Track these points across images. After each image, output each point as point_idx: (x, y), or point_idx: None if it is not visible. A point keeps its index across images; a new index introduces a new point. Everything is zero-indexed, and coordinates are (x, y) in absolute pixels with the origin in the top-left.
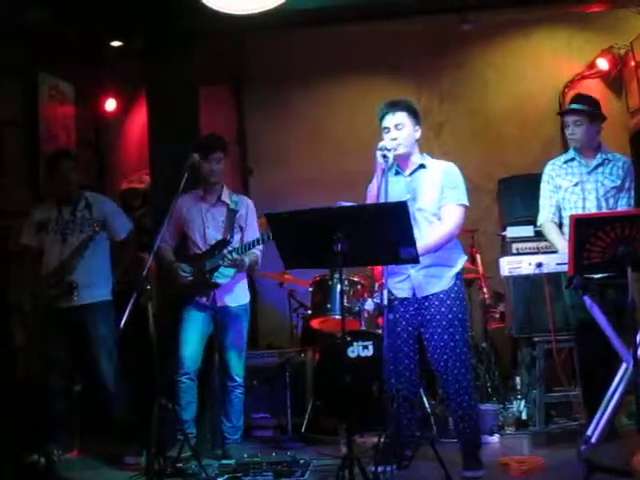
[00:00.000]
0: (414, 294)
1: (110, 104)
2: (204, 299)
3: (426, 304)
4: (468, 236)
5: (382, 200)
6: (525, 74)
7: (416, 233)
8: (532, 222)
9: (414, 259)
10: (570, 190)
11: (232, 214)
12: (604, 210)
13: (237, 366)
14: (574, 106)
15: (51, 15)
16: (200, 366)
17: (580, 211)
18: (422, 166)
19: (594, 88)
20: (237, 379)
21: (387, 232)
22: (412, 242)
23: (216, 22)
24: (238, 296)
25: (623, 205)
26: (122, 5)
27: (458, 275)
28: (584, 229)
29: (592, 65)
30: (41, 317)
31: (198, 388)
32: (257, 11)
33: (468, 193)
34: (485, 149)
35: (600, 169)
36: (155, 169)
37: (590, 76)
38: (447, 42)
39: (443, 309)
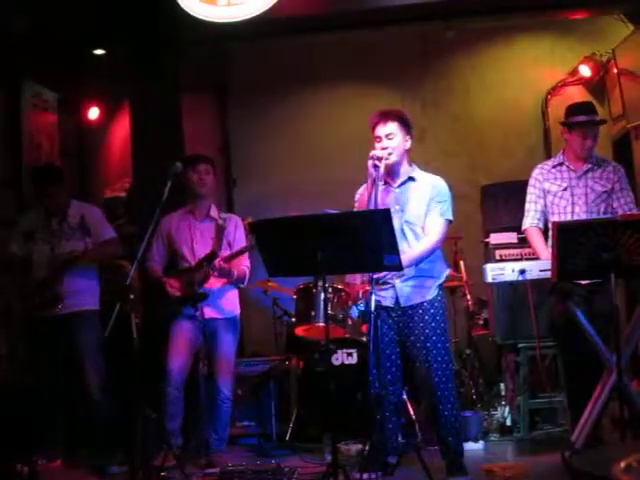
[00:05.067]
0: (397, 303)
1: (93, 112)
2: (192, 310)
3: (409, 312)
4: (452, 243)
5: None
6: (508, 81)
7: (404, 245)
8: (515, 229)
9: (397, 267)
10: (559, 195)
11: (221, 230)
12: (595, 215)
13: (225, 378)
14: (594, 118)
15: (34, 23)
16: (187, 377)
17: (569, 216)
18: (411, 178)
19: (576, 95)
20: (225, 392)
21: (370, 239)
22: (395, 249)
23: (200, 30)
24: (227, 308)
25: (622, 206)
26: (106, 13)
27: (441, 286)
28: (567, 235)
29: (574, 72)
30: (27, 326)
31: (185, 398)
32: (240, 19)
33: (452, 200)
34: (468, 156)
35: (590, 174)
36: (138, 177)
37: (572, 83)
38: (430, 49)
39: (427, 317)
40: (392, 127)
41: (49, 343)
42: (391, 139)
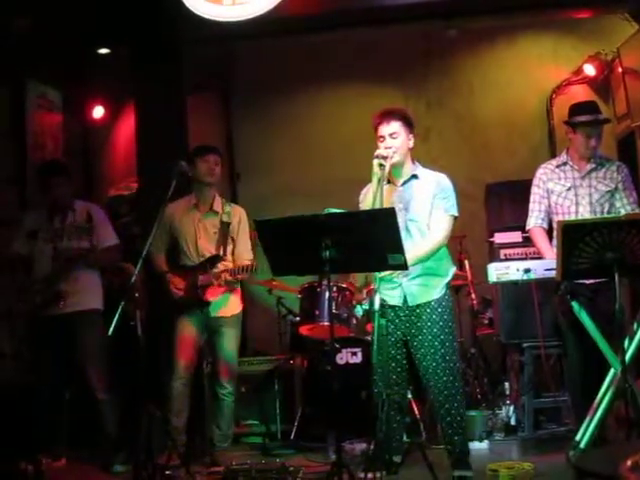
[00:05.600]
0: (405, 302)
1: (98, 112)
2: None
3: (417, 312)
4: (456, 242)
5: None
6: (512, 80)
7: (409, 244)
8: (520, 228)
9: (402, 266)
10: (563, 195)
11: (225, 226)
12: (598, 215)
13: (228, 374)
14: (598, 117)
15: (38, 23)
16: (193, 373)
17: (573, 216)
18: (414, 176)
19: (581, 94)
20: (228, 387)
21: (375, 239)
22: (400, 248)
23: (204, 30)
24: (231, 306)
25: (625, 206)
26: (109, 13)
27: (448, 285)
28: (572, 235)
29: (579, 71)
30: (31, 324)
31: (190, 395)
32: (244, 18)
33: (456, 196)
34: (472, 155)
35: (594, 174)
36: (143, 176)
37: (577, 82)
38: (433, 48)
39: (434, 316)
40: (395, 126)
41: (52, 342)
42: (395, 138)
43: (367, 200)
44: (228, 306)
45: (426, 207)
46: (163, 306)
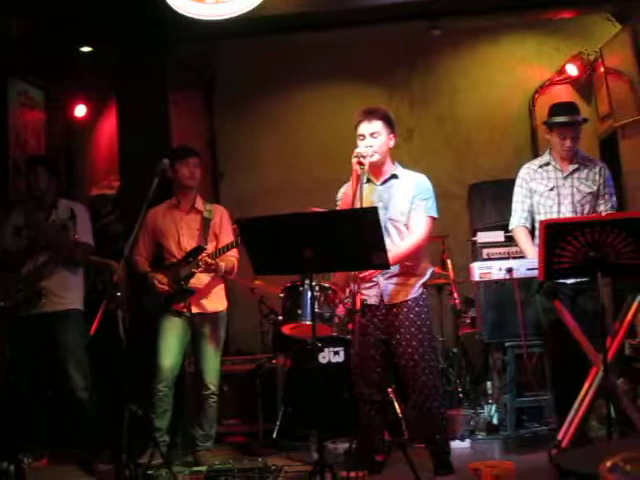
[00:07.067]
0: (382, 301)
1: (80, 110)
2: (181, 305)
3: (394, 311)
4: (439, 242)
5: (357, 207)
6: (495, 80)
7: (387, 243)
8: (502, 227)
9: (385, 265)
10: (545, 195)
11: (207, 222)
12: (579, 216)
13: (211, 374)
14: (574, 118)
15: (21, 21)
16: (177, 374)
17: (555, 216)
18: (394, 176)
19: (564, 94)
20: (211, 387)
21: (358, 238)
22: (383, 247)
23: (187, 28)
24: (214, 302)
25: (604, 210)
26: (93, 11)
27: (424, 284)
28: (554, 234)
29: (561, 71)
30: (10, 323)
31: (173, 396)
32: (227, 17)
33: (438, 199)
34: (455, 155)
35: (576, 174)
36: (125, 175)
37: (559, 82)
38: (417, 48)
39: (412, 316)
40: (377, 126)
41: (32, 341)
42: (375, 138)
43: (345, 198)
44: (211, 303)
45: (405, 207)
46: (147, 306)
